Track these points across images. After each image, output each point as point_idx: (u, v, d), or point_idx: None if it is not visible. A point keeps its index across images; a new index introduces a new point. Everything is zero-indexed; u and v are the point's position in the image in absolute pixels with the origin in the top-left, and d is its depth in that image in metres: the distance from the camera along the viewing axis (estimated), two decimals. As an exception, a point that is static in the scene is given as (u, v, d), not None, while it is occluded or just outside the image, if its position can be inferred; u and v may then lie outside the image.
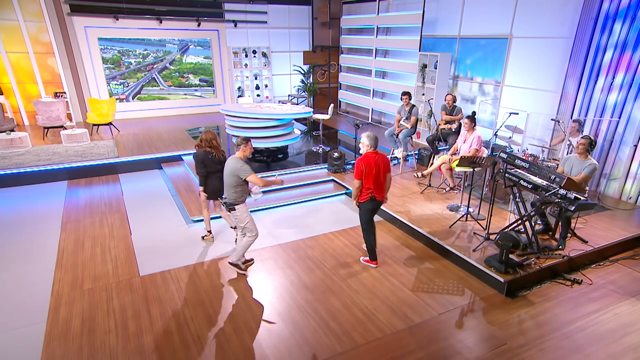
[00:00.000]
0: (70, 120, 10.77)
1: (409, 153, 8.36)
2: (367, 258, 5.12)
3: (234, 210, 4.58)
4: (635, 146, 6.45)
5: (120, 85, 11.54)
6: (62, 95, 10.61)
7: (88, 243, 5.50)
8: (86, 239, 5.62)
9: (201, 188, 5.30)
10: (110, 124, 9.93)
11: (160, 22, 11.34)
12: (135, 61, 11.51)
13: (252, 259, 5.06)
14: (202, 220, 5.83)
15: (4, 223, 6.05)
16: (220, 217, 5.81)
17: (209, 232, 5.66)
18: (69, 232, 5.78)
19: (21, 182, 7.39)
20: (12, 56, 10.05)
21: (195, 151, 5.25)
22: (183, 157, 8.44)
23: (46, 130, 9.52)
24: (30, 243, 5.51)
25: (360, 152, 4.83)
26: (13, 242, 5.52)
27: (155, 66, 11.82)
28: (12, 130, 8.78)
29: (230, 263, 4.86)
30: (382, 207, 6.30)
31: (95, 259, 5.13)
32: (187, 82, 12.38)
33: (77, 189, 7.38)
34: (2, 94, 10.04)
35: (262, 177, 4.94)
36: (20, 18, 9.80)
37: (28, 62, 10.22)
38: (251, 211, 6.47)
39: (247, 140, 4.58)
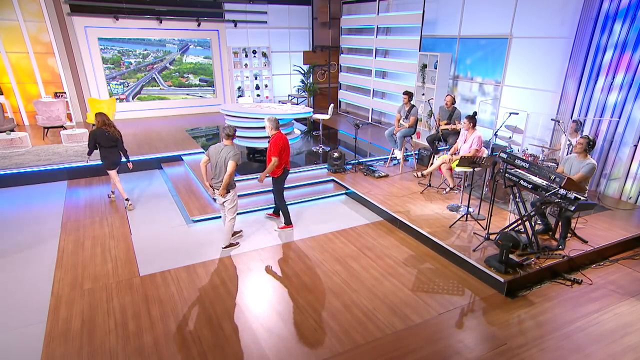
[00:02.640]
0: (70, 120, 10.77)
1: (408, 153, 8.36)
2: (283, 225, 5.92)
3: (228, 193, 5.09)
4: (635, 146, 6.45)
5: (120, 85, 11.53)
6: (62, 95, 10.61)
7: (88, 243, 5.50)
8: (86, 238, 5.62)
9: (87, 158, 6.51)
10: (110, 124, 9.91)
11: (160, 22, 11.34)
12: (135, 61, 11.51)
13: (240, 230, 5.70)
14: (203, 220, 6.12)
15: (4, 223, 6.05)
16: (220, 217, 5.81)
17: (127, 199, 6.57)
18: (69, 232, 5.78)
19: (21, 182, 7.39)
20: (12, 56, 10.05)
21: (92, 129, 6.30)
22: (183, 157, 8.44)
23: (46, 130, 9.52)
24: (30, 243, 5.51)
25: (267, 134, 5.55)
26: (13, 242, 5.52)
27: (155, 66, 11.81)
28: (12, 130, 8.78)
29: (224, 247, 5.40)
30: (382, 207, 6.34)
31: (95, 258, 5.13)
32: (187, 82, 12.38)
33: (77, 189, 7.38)
34: (2, 94, 10.04)
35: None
36: (20, 18, 9.80)
37: (28, 62, 10.22)
38: (252, 211, 6.50)
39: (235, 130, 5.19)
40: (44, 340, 3.76)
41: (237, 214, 5.63)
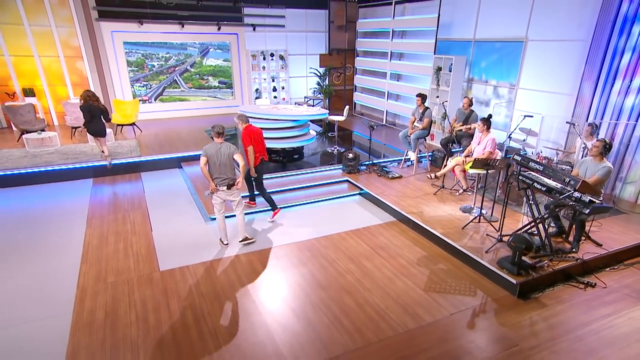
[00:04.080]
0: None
1: (422, 154, 8.29)
2: (273, 212, 6.18)
3: (234, 185, 5.19)
4: (653, 149, 6.27)
5: (143, 87, 11.74)
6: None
7: (111, 238, 5.62)
8: (110, 234, 5.74)
9: (85, 128, 7.64)
10: (133, 124, 10.11)
11: (182, 27, 11.50)
12: (157, 64, 11.69)
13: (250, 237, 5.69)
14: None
15: (34, 218, 6.22)
16: (234, 215, 5.85)
17: (108, 156, 7.72)
18: (94, 228, 5.92)
19: (50, 179, 7.59)
20: (44, 60, 10.34)
21: (83, 104, 7.24)
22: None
23: (74, 130, 9.76)
24: (57, 237, 5.65)
25: (239, 128, 5.89)
26: (42, 237, 5.67)
27: (176, 69, 11.99)
28: (43, 130, 9.03)
29: (241, 241, 5.51)
30: (395, 207, 6.30)
31: (118, 254, 5.23)
32: (206, 84, 12.52)
33: (101, 186, 7.55)
34: (34, 96, 10.32)
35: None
36: (53, 24, 10.07)
37: (58, 65, 10.49)
38: (265, 210, 6.54)
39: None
40: (70, 330, 3.86)
41: (246, 213, 5.88)
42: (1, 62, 9.97)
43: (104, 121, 7.54)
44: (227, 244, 5.52)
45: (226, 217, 5.52)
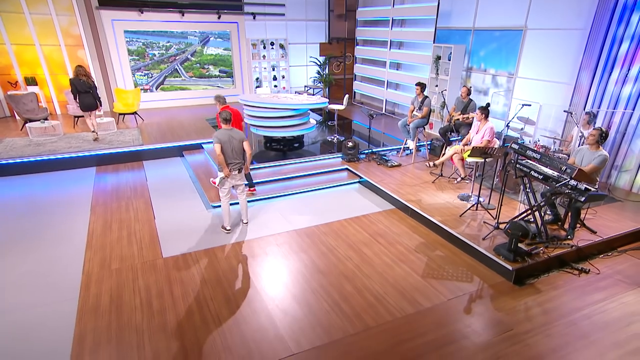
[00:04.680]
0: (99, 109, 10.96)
1: (421, 143, 8.27)
2: (249, 189, 6.47)
3: (241, 171, 5.40)
4: (649, 138, 6.26)
5: (144, 76, 11.64)
6: (90, 86, 10.78)
7: (115, 226, 5.64)
8: (113, 222, 5.75)
9: (77, 103, 7.94)
10: (135, 113, 10.06)
11: (183, 15, 11.35)
12: (158, 53, 11.58)
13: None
14: (219, 206, 6.01)
15: (39, 206, 6.23)
16: (237, 203, 5.87)
17: (95, 132, 8.23)
18: (98, 215, 5.93)
19: (54, 167, 7.57)
20: (46, 49, 10.23)
21: (72, 78, 7.73)
22: (203, 145, 8.51)
23: (76, 118, 9.70)
24: (62, 225, 5.67)
25: (217, 108, 6.04)
26: (47, 224, 5.69)
27: (177, 58, 11.87)
28: (46, 119, 8.99)
29: (245, 223, 5.75)
30: (394, 195, 6.31)
31: (122, 241, 5.25)
32: (207, 73, 12.42)
33: (104, 174, 7.54)
34: (37, 85, 10.24)
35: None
36: (53, 12, 9.94)
37: (60, 54, 10.39)
38: (268, 198, 6.55)
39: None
40: (76, 315, 3.89)
41: (249, 201, 6.03)
42: (3, 51, 9.87)
43: (94, 96, 7.97)
44: (230, 230, 5.54)
45: (230, 204, 5.57)
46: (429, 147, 8.25)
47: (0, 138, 8.45)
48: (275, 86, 13.25)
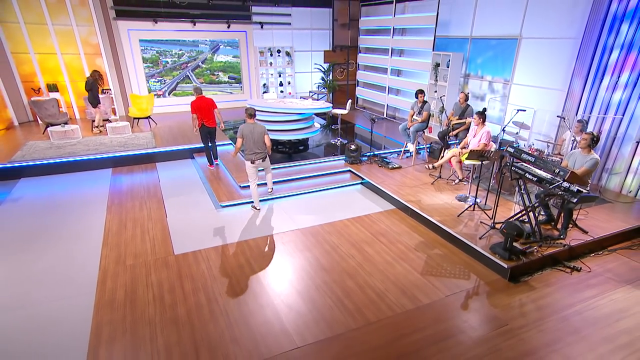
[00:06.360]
0: (115, 114, 11.04)
1: (420, 146, 8.25)
2: (209, 164, 7.54)
3: (266, 158, 5.92)
4: (638, 142, 6.20)
5: (158, 82, 11.70)
6: (107, 92, 10.86)
7: (130, 224, 5.67)
8: (128, 220, 5.79)
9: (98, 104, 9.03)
10: (149, 117, 10.11)
11: (194, 25, 11.41)
12: (171, 60, 11.64)
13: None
14: (230, 205, 6.26)
15: (58, 205, 6.29)
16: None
17: (97, 126, 9.30)
18: (114, 214, 5.97)
19: (73, 169, 7.63)
20: (66, 57, 10.33)
21: (88, 78, 8.83)
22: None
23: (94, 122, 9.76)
24: (80, 223, 5.71)
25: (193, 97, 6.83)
26: (66, 222, 5.74)
27: (188, 65, 11.92)
28: (66, 123, 9.06)
29: (270, 191, 6.43)
30: (395, 196, 6.30)
31: (136, 238, 5.28)
32: (217, 79, 12.47)
33: (120, 175, 7.59)
34: (58, 91, 10.33)
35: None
36: (74, 23, 10.04)
37: (79, 62, 10.48)
38: (275, 198, 6.56)
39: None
40: (93, 308, 3.93)
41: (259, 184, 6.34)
42: (27, 60, 9.98)
43: (94, 95, 8.89)
44: (259, 209, 6.10)
45: (258, 184, 6.10)
46: (428, 150, 8.23)
47: (24, 141, 8.53)
48: (282, 91, 13.27)
